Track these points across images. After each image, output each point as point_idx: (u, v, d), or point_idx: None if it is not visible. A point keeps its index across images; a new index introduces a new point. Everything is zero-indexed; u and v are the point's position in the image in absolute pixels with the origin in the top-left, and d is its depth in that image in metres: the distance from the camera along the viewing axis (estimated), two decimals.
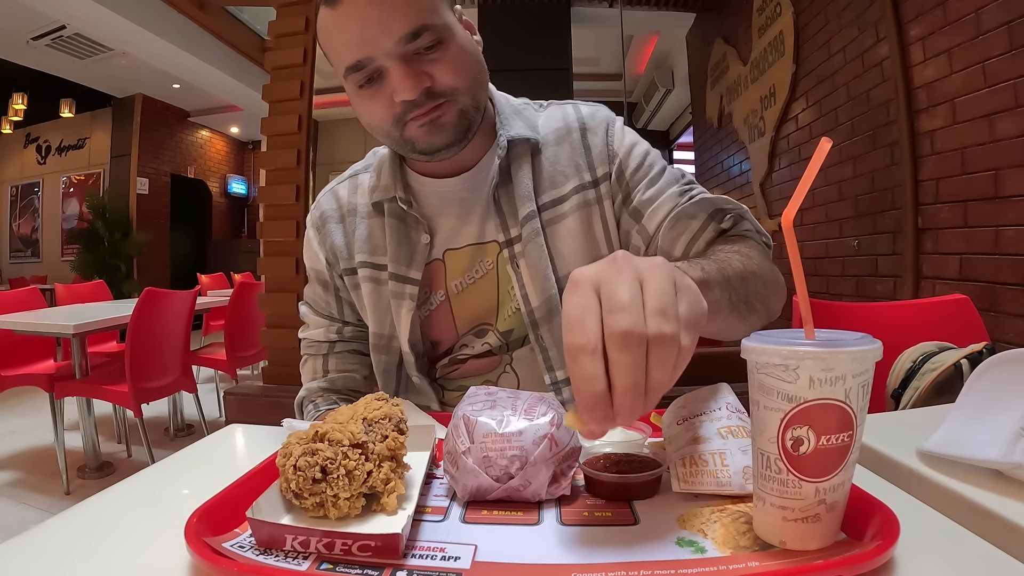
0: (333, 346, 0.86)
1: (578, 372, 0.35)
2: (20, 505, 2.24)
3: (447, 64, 0.65)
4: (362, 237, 0.80)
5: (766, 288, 0.63)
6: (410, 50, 0.63)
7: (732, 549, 0.36)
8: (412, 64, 0.63)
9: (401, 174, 0.78)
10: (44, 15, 4.72)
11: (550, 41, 4.12)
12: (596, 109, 0.81)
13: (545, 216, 0.75)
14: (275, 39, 2.46)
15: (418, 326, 0.78)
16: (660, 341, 0.35)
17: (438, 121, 0.67)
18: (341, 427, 0.42)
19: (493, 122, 0.77)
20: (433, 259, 0.78)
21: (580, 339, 0.35)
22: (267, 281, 2.44)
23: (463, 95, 0.67)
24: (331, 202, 0.84)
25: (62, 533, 0.43)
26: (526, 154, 0.76)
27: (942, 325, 1.17)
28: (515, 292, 0.75)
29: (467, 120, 0.69)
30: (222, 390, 2.92)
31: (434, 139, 0.68)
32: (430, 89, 0.65)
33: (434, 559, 0.36)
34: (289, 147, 2.39)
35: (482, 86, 0.71)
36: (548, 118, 0.80)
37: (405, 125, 0.67)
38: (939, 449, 0.49)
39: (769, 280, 0.64)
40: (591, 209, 0.76)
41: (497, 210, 0.75)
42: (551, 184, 0.76)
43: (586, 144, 0.78)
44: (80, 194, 7.22)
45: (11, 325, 2.39)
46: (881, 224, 2.23)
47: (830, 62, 2.53)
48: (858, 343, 0.34)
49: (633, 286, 0.36)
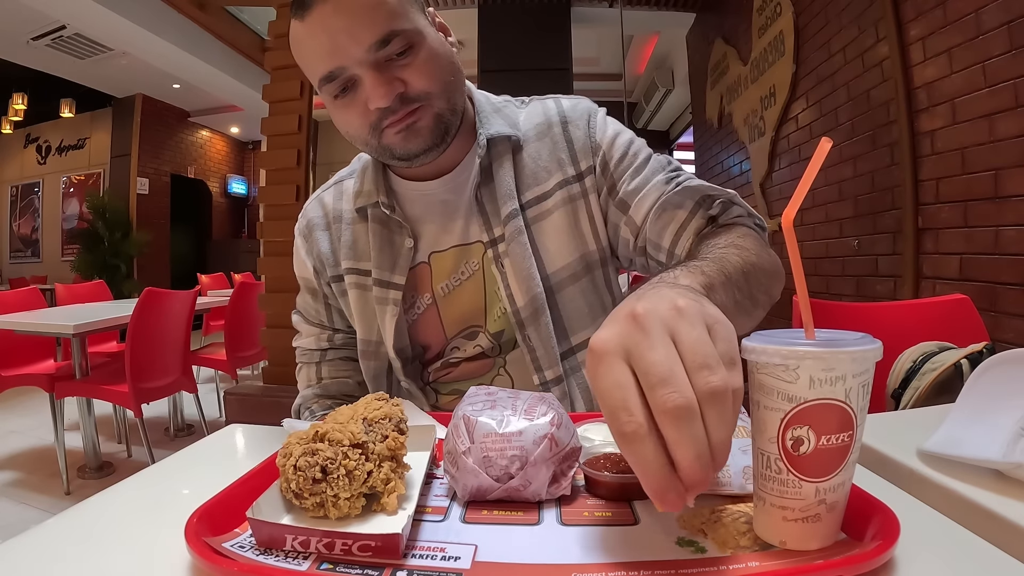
0: (325, 354, 0.86)
1: (637, 461, 0.32)
2: (20, 505, 2.24)
3: (419, 68, 0.65)
4: (347, 243, 0.80)
5: (767, 277, 0.60)
6: (381, 57, 0.63)
7: (732, 549, 0.36)
8: (384, 71, 0.64)
9: (384, 179, 0.78)
10: (44, 15, 4.72)
11: (550, 41, 4.12)
12: (577, 101, 0.80)
13: (529, 213, 0.75)
14: (275, 39, 2.46)
15: (404, 331, 0.77)
16: (713, 399, 0.31)
17: (414, 127, 0.67)
18: (341, 427, 0.42)
19: (473, 122, 0.77)
20: (418, 263, 0.77)
21: (629, 427, 0.31)
22: (267, 281, 2.44)
23: (438, 99, 0.67)
24: (317, 209, 0.84)
25: (62, 533, 0.43)
26: (507, 152, 0.75)
27: (942, 325, 1.17)
28: (501, 292, 0.74)
29: (444, 123, 0.68)
30: (222, 390, 2.92)
31: (411, 145, 0.68)
32: (404, 95, 0.65)
33: (434, 559, 0.36)
34: (289, 147, 2.39)
35: (458, 88, 0.71)
36: (529, 114, 0.80)
37: (382, 132, 0.67)
38: (939, 449, 0.49)
39: (769, 268, 0.61)
40: (576, 203, 0.75)
41: (480, 210, 0.75)
42: (534, 180, 0.75)
43: (568, 137, 0.77)
44: (80, 194, 7.22)
45: (11, 325, 2.39)
46: (881, 224, 2.23)
47: (830, 62, 2.53)
48: (858, 343, 0.34)
49: (667, 349, 0.33)
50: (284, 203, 2.40)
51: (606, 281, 0.78)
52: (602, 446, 0.51)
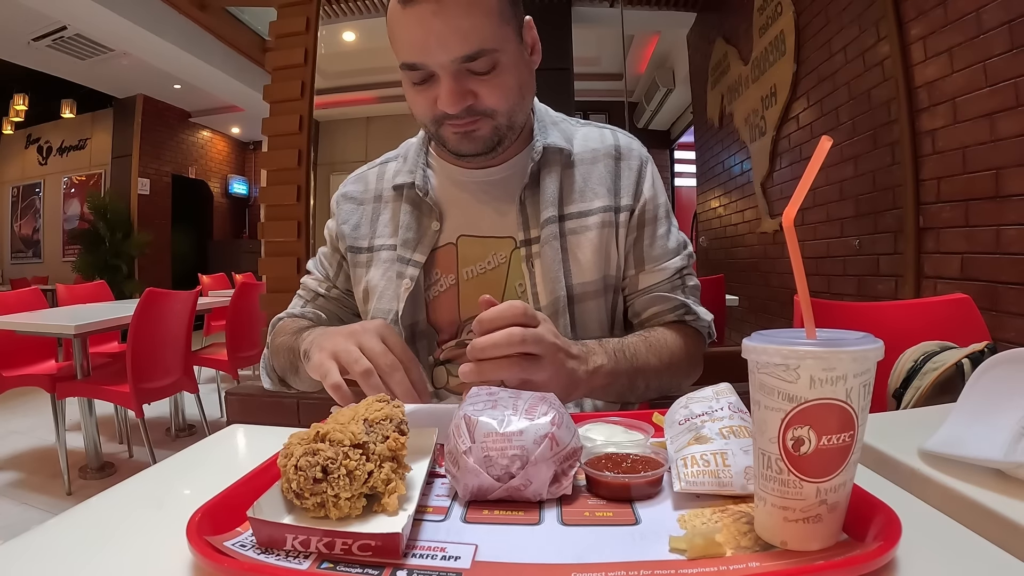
0: (316, 298, 0.91)
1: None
2: (22, 505, 2.25)
3: (494, 87, 0.69)
4: (384, 221, 0.85)
5: (658, 378, 0.76)
6: (463, 68, 0.67)
7: (733, 549, 0.36)
8: (461, 81, 0.67)
9: (425, 159, 0.84)
10: (45, 16, 4.72)
11: (550, 41, 4.11)
12: (632, 141, 0.86)
13: (570, 224, 0.79)
14: (276, 39, 2.46)
15: (422, 306, 0.81)
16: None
17: (472, 134, 0.72)
18: (342, 427, 0.42)
19: (531, 128, 0.82)
20: (445, 243, 0.81)
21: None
22: (268, 281, 2.44)
23: (502, 116, 0.72)
24: (359, 184, 0.90)
25: (64, 533, 0.43)
26: (558, 163, 0.80)
27: (943, 324, 1.16)
28: (526, 289, 0.78)
29: (499, 136, 0.73)
30: (223, 390, 2.92)
31: (463, 147, 0.73)
32: (472, 107, 0.69)
33: (434, 559, 0.36)
34: (290, 147, 2.39)
35: (524, 108, 0.76)
36: (585, 136, 0.85)
37: (441, 125, 0.72)
38: (941, 449, 0.49)
39: (668, 367, 0.77)
40: (610, 230, 0.80)
41: (521, 210, 0.79)
42: (580, 197, 0.80)
43: (618, 171, 0.82)
44: (81, 195, 7.23)
45: (13, 326, 2.40)
46: (882, 223, 2.23)
47: (831, 61, 2.52)
48: (859, 343, 0.34)
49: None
50: (285, 203, 2.39)
51: (614, 306, 0.83)
52: (603, 446, 0.51)
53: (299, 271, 2.36)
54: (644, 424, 0.56)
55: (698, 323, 0.83)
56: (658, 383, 0.77)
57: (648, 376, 0.75)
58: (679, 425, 0.49)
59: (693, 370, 0.83)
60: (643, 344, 0.76)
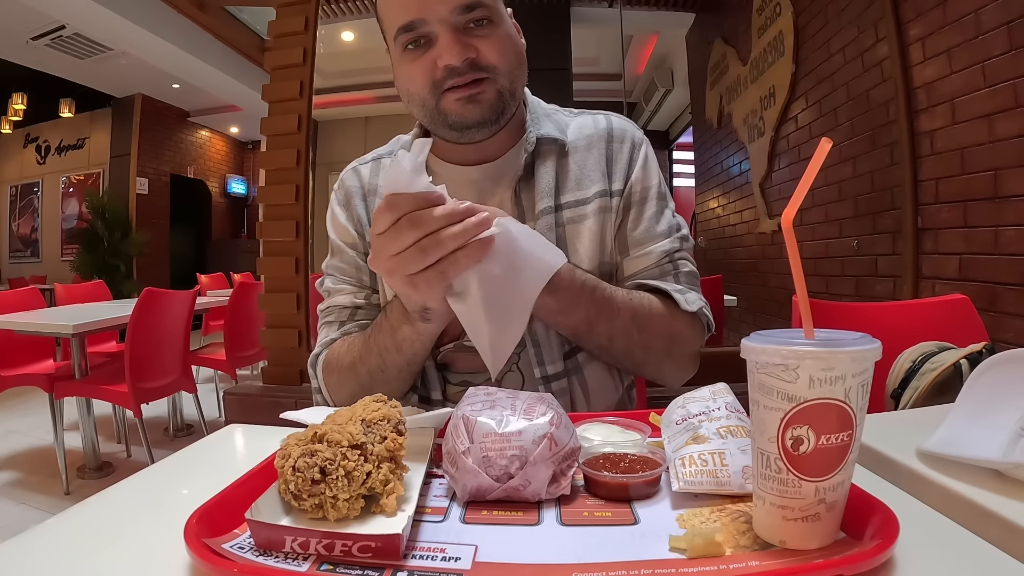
0: (355, 313, 0.84)
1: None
2: (20, 505, 2.24)
3: (493, 43, 0.69)
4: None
5: (626, 334, 0.72)
6: (461, 21, 0.67)
7: (732, 548, 0.36)
8: (461, 34, 0.68)
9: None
10: (44, 15, 4.72)
11: (550, 41, 4.12)
12: (626, 123, 0.84)
13: (567, 214, 0.78)
14: (275, 39, 2.45)
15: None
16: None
17: (476, 97, 0.70)
18: (340, 428, 0.42)
19: (522, 120, 0.80)
20: None
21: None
22: (267, 281, 2.43)
23: (503, 76, 0.70)
24: (354, 180, 0.87)
25: (62, 533, 0.43)
26: (552, 154, 0.79)
27: (942, 325, 1.16)
28: None
29: (503, 103, 0.72)
30: (222, 390, 2.91)
31: (468, 113, 0.70)
32: (474, 61, 0.68)
33: (434, 559, 0.36)
34: (289, 147, 2.38)
35: (521, 78, 0.75)
36: (580, 124, 0.83)
37: (442, 95, 0.70)
38: (939, 449, 0.49)
39: (642, 331, 0.72)
40: (606, 216, 0.79)
41: (516, 202, 0.78)
42: (577, 186, 0.79)
43: (610, 153, 0.81)
44: (80, 194, 7.21)
45: (11, 325, 2.39)
46: (881, 224, 2.23)
47: (830, 62, 2.52)
48: (858, 343, 0.34)
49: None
50: (284, 203, 2.39)
51: None
52: (601, 446, 0.51)
53: (298, 271, 2.36)
54: (641, 424, 0.56)
55: (687, 308, 0.78)
56: (626, 342, 0.72)
57: (613, 322, 0.70)
58: (676, 425, 0.50)
59: (680, 354, 0.78)
60: (623, 293, 0.73)
